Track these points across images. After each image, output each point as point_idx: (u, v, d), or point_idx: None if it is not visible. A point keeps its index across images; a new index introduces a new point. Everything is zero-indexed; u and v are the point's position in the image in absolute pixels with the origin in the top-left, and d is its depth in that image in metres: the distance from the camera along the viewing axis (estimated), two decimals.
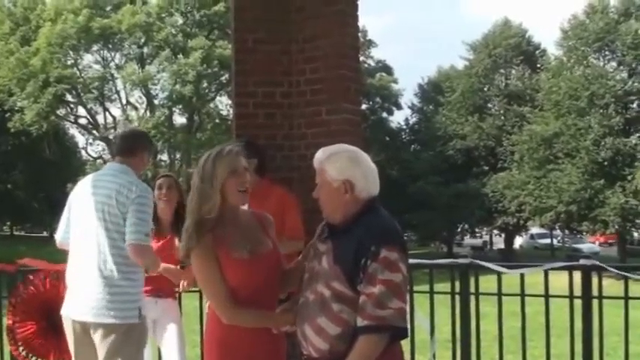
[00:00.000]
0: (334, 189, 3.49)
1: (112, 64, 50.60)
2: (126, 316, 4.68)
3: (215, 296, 3.61)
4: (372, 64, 58.50)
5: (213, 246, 3.61)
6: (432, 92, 55.73)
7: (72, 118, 52.91)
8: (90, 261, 4.75)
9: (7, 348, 5.82)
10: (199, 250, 3.60)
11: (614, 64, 43.90)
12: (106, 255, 4.70)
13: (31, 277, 5.50)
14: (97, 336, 4.71)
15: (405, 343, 5.51)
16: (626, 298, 5.79)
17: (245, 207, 5.53)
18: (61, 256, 5.04)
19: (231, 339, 3.63)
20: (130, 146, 5.01)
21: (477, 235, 61.72)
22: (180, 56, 47.08)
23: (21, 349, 5.36)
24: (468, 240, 65.74)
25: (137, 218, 4.67)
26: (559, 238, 61.44)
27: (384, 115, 58.86)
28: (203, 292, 3.67)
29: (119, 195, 4.69)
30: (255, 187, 5.47)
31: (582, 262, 5.87)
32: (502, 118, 50.17)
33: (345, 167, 3.52)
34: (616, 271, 5.92)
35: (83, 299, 4.74)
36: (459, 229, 57.33)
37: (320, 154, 3.61)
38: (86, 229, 4.82)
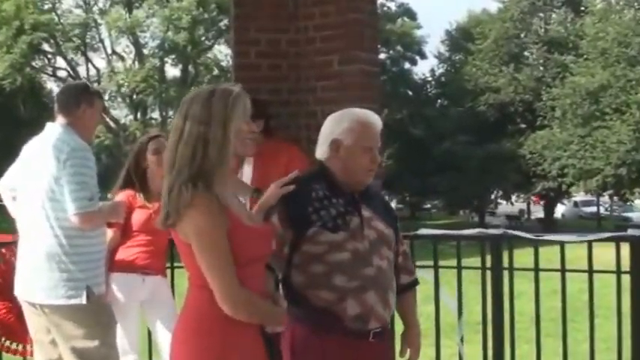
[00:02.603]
0: None
1: (94, 9, 50.50)
2: (70, 296, 4.72)
3: (224, 274, 3.10)
4: (393, 7, 58.23)
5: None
6: (462, 39, 55.43)
7: (50, 70, 52.94)
8: (29, 236, 4.84)
9: None
10: (206, 206, 3.11)
11: None
12: (43, 228, 4.75)
13: (3, 250, 5.54)
14: (48, 318, 4.78)
15: (431, 327, 5.55)
16: None
17: (248, 172, 5.56)
18: None
19: (223, 334, 3.16)
20: (66, 103, 5.02)
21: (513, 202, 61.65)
22: None
23: None
24: (502, 208, 65.73)
25: (75, 183, 4.67)
26: (607, 205, 61.32)
27: (407, 65, 58.72)
28: (205, 266, 3.12)
29: (50, 158, 4.72)
30: (262, 149, 5.47)
31: (630, 232, 5.85)
32: (541, 68, 49.88)
33: None
34: None
35: (29, 278, 4.83)
36: (491, 196, 57.28)
37: (374, 116, 3.90)
38: (25, 202, 4.90)
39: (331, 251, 3.61)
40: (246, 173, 5.67)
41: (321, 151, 3.87)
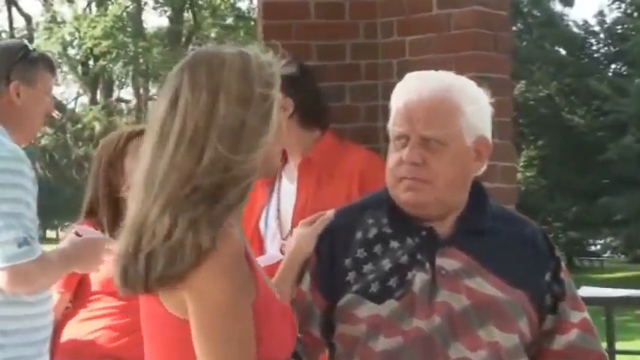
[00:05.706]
0: (464, 152, 3.55)
1: None
2: None
3: None
4: None
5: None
6: None
7: None
8: None
9: None
10: (231, 259, 2.95)
11: None
12: None
13: None
14: None
15: None
16: None
17: (290, 191, 5.60)
18: None
19: None
20: None
21: None
22: None
23: None
24: None
25: None
26: None
27: (557, 7, 58.67)
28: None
29: None
30: (312, 153, 5.48)
31: None
32: None
33: (486, 115, 3.63)
34: None
35: None
36: None
37: (436, 82, 3.60)
38: None
39: (372, 334, 3.34)
40: (287, 193, 5.61)
41: None
